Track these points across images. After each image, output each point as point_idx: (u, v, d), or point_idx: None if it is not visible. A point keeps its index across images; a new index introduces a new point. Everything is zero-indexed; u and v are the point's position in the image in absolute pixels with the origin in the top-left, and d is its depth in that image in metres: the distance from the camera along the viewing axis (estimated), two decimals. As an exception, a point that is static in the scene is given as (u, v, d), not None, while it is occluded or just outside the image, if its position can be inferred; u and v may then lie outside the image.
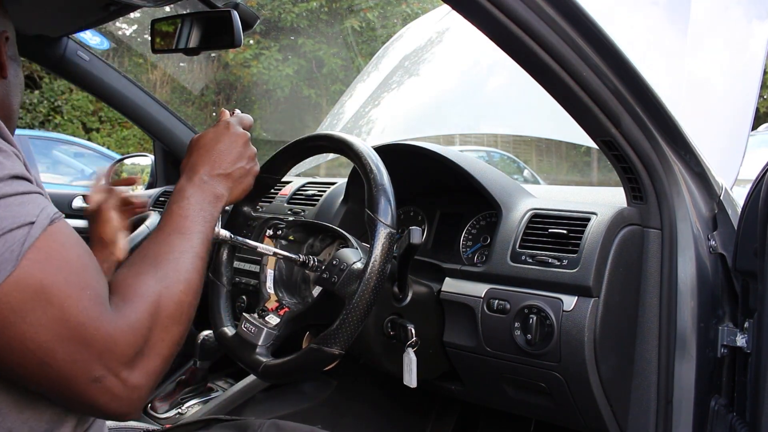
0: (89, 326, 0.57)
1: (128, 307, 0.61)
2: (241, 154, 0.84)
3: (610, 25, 0.96)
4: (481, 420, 1.75)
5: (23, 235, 0.54)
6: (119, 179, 1.06)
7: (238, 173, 0.83)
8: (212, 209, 0.77)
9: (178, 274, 0.68)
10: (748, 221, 0.99)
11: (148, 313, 0.62)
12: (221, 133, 0.84)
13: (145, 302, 0.63)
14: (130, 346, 0.60)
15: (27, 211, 0.56)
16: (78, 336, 0.56)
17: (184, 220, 0.73)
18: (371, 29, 11.13)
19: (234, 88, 11.88)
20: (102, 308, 0.59)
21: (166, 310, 0.64)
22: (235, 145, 0.83)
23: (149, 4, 1.32)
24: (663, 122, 1.07)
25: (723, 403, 1.11)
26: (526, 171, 7.36)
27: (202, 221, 0.75)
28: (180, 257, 0.69)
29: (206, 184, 0.78)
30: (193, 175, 0.79)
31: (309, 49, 11.00)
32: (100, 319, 0.58)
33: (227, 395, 1.58)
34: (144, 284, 0.64)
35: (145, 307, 0.62)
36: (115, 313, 0.60)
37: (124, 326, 0.60)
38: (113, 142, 10.87)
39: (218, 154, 0.81)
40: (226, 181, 0.81)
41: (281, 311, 1.04)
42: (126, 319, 0.60)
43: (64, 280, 0.56)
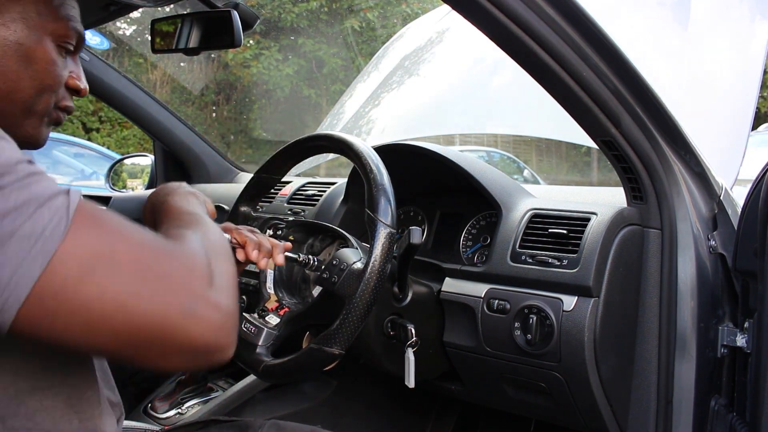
0: (162, 257, 0.56)
1: (181, 240, 0.61)
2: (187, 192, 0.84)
3: (610, 25, 0.96)
4: (481, 420, 1.75)
5: (65, 201, 0.53)
6: None
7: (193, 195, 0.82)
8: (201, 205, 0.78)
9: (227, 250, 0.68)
10: (748, 221, 0.99)
11: (200, 244, 0.62)
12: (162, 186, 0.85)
13: (193, 237, 0.63)
14: (204, 266, 0.59)
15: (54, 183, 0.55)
16: (157, 270, 0.55)
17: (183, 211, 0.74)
18: (371, 29, 11.13)
19: (234, 88, 11.89)
20: (165, 242, 0.58)
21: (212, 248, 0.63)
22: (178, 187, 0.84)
23: (149, 4, 1.32)
24: (663, 122, 1.07)
25: (723, 403, 1.11)
26: (526, 171, 7.36)
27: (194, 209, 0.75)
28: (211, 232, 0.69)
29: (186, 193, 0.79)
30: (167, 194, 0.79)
31: (309, 49, 11.00)
32: (167, 249, 0.57)
33: (227, 395, 1.58)
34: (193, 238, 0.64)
35: (195, 238, 0.63)
36: (179, 245, 0.60)
37: (190, 252, 0.59)
38: (113, 142, 10.87)
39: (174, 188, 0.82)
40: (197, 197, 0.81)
41: (281, 311, 1.04)
42: (188, 246, 0.60)
43: (120, 227, 0.55)
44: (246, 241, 0.89)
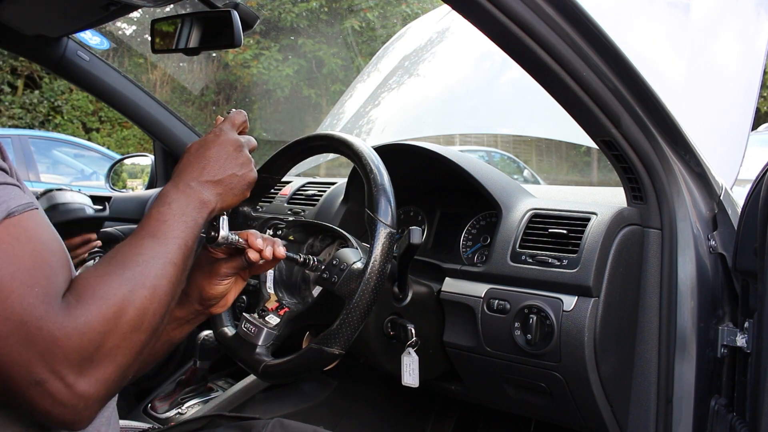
0: (31, 324, 0.54)
1: (80, 308, 0.58)
2: (231, 160, 0.79)
3: (610, 25, 0.96)
4: (481, 420, 1.75)
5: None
6: None
7: (228, 180, 0.78)
8: (196, 215, 0.73)
9: (145, 279, 0.64)
10: (748, 221, 0.99)
11: (102, 317, 0.59)
12: (211, 140, 0.80)
13: (102, 305, 0.59)
14: (75, 350, 0.56)
15: None
16: (19, 334, 0.54)
17: (161, 224, 0.69)
18: (371, 29, 11.13)
19: (234, 88, 11.88)
20: (48, 307, 0.56)
21: (126, 315, 0.60)
22: (224, 151, 0.79)
23: (149, 4, 1.32)
24: (663, 122, 1.07)
25: (723, 403, 1.11)
26: (526, 171, 7.36)
27: (182, 227, 0.71)
28: (150, 261, 0.65)
29: (191, 189, 0.74)
30: (178, 180, 0.75)
31: (309, 49, 11.00)
32: (44, 318, 0.55)
33: (227, 395, 1.58)
34: (105, 286, 0.61)
35: (99, 310, 0.59)
36: (64, 314, 0.57)
37: (70, 328, 0.56)
38: (113, 142, 10.87)
39: (207, 160, 0.77)
40: (215, 188, 0.77)
41: (281, 311, 1.04)
42: (74, 321, 0.57)
43: (10, 276, 0.54)
44: (248, 234, 0.87)
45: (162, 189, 0.75)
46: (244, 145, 0.82)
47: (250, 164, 0.82)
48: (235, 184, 0.79)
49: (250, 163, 0.82)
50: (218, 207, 0.78)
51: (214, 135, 0.81)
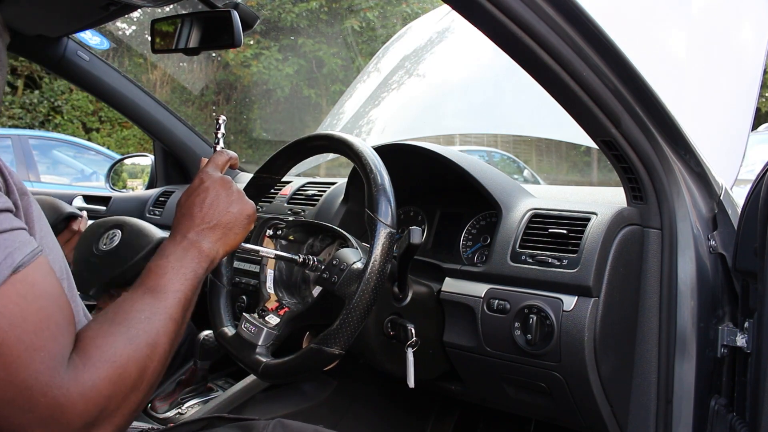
0: (36, 390, 0.53)
1: (87, 372, 0.57)
2: (222, 200, 0.78)
3: (610, 26, 0.96)
4: (481, 420, 1.75)
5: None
6: None
7: (225, 221, 0.78)
8: (195, 267, 0.73)
9: (147, 337, 0.63)
10: (748, 221, 0.99)
11: (108, 381, 0.58)
12: (197, 187, 0.79)
13: (108, 368, 0.58)
14: (80, 416, 0.55)
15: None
16: (22, 399, 0.52)
17: (160, 278, 0.69)
18: (371, 29, 11.13)
19: (234, 88, 11.88)
20: (54, 373, 0.54)
21: (129, 377, 0.60)
22: (212, 194, 0.78)
23: (149, 4, 1.32)
24: (663, 122, 1.07)
25: (723, 403, 1.11)
26: (526, 171, 7.36)
27: (181, 280, 0.70)
28: (151, 318, 0.65)
29: (188, 240, 0.74)
30: (175, 233, 0.75)
31: (309, 49, 11.00)
32: (50, 385, 0.54)
33: (227, 395, 1.58)
34: (111, 347, 0.59)
35: (105, 373, 0.58)
36: (70, 378, 0.55)
37: (76, 394, 0.55)
38: (113, 142, 10.87)
39: (198, 208, 0.77)
40: (213, 233, 0.76)
41: (281, 311, 1.04)
42: (81, 386, 0.56)
43: (16, 339, 0.52)
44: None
45: (161, 244, 0.74)
46: (230, 181, 0.81)
47: (242, 198, 0.81)
48: (233, 223, 0.78)
49: (242, 196, 0.81)
50: (222, 252, 0.77)
51: (198, 181, 0.80)
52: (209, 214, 0.77)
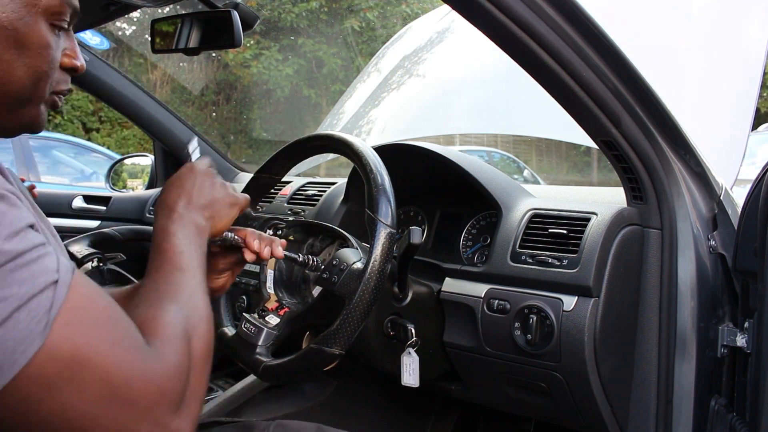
0: (136, 381, 0.52)
1: (168, 347, 0.57)
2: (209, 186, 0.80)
3: (610, 25, 0.96)
4: (481, 420, 1.75)
5: (48, 299, 0.49)
6: None
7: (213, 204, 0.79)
8: (200, 241, 0.74)
9: (200, 312, 0.64)
10: (748, 221, 0.99)
11: (186, 354, 0.58)
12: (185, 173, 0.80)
13: (181, 342, 0.59)
14: (177, 392, 0.56)
15: (46, 267, 0.50)
16: (124, 395, 0.52)
17: (180, 256, 0.69)
18: (371, 29, 11.13)
19: (234, 88, 11.88)
20: (144, 356, 0.54)
21: (198, 350, 0.61)
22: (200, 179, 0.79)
23: (149, 4, 1.32)
24: (663, 122, 1.07)
25: (723, 403, 1.11)
26: (526, 171, 7.36)
27: (197, 255, 0.71)
28: (193, 295, 0.65)
29: (186, 216, 0.74)
30: (170, 211, 0.74)
31: (309, 49, 11.00)
32: (146, 369, 0.53)
33: (227, 395, 1.58)
34: (174, 323, 0.60)
35: (182, 346, 0.58)
36: (158, 357, 0.55)
37: (171, 371, 0.56)
38: (113, 142, 10.87)
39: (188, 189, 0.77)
40: (204, 212, 0.77)
41: (281, 311, 1.04)
42: (170, 363, 0.56)
43: (99, 338, 0.52)
44: (246, 233, 0.88)
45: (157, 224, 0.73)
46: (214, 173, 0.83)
47: (227, 188, 0.82)
48: (220, 208, 0.80)
49: (226, 187, 0.82)
50: (212, 232, 0.78)
51: (186, 168, 0.81)
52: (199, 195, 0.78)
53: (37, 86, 0.64)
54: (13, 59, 0.61)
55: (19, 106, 0.65)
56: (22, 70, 0.62)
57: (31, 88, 0.64)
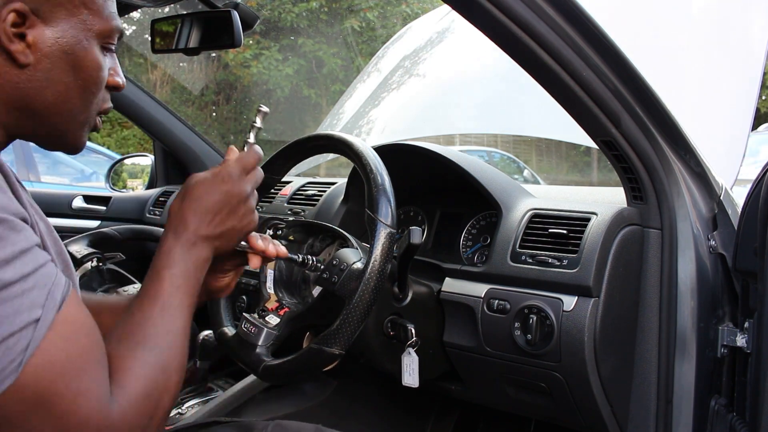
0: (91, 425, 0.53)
1: (132, 407, 0.57)
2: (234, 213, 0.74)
3: (610, 25, 0.96)
4: (481, 420, 1.75)
5: (27, 338, 0.49)
6: None
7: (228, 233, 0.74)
8: (199, 275, 0.71)
9: (176, 362, 0.63)
10: (748, 221, 0.99)
11: (149, 415, 0.58)
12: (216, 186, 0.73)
13: (148, 402, 0.59)
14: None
15: (32, 302, 0.51)
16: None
17: (176, 290, 0.67)
18: (371, 29, 11.13)
19: (234, 88, 11.88)
20: (106, 412, 0.54)
21: (163, 407, 0.61)
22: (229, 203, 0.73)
23: (149, 4, 1.32)
24: (663, 122, 1.07)
25: (723, 403, 1.11)
26: (526, 171, 7.36)
27: (192, 291, 0.69)
28: (175, 341, 0.64)
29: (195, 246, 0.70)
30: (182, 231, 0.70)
31: (309, 49, 11.00)
32: (102, 425, 0.54)
33: (227, 395, 1.58)
34: (146, 378, 0.60)
35: (148, 407, 0.58)
36: (119, 416, 0.56)
37: (123, 424, 0.56)
38: (113, 142, 10.86)
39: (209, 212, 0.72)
40: (214, 242, 0.73)
41: (281, 311, 1.04)
42: (129, 423, 0.56)
43: (66, 385, 0.52)
44: (249, 236, 0.83)
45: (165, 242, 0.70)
46: (251, 196, 0.76)
47: (251, 215, 0.76)
48: (233, 236, 0.75)
49: (251, 213, 0.76)
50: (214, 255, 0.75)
51: (220, 180, 0.73)
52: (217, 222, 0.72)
53: (89, 106, 0.67)
54: (71, 81, 0.64)
55: (68, 126, 0.67)
56: (77, 91, 0.65)
57: (82, 108, 0.67)
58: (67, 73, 0.63)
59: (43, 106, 0.64)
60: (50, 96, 0.63)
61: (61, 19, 0.62)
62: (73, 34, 0.63)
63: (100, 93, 0.68)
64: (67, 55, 0.63)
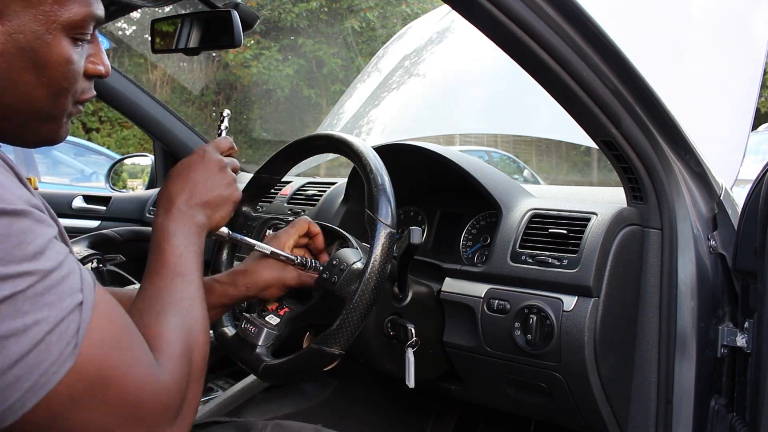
0: (148, 399, 0.55)
1: (173, 365, 0.60)
2: (217, 180, 0.79)
3: (610, 25, 0.96)
4: (481, 420, 1.75)
5: (76, 321, 0.51)
6: None
7: (216, 200, 0.78)
8: (199, 241, 0.73)
9: (200, 323, 0.66)
10: (748, 221, 0.99)
11: (188, 369, 0.61)
12: (195, 161, 0.79)
13: (184, 359, 0.61)
14: (177, 406, 0.59)
15: (72, 287, 0.52)
16: (137, 413, 0.55)
17: (179, 259, 0.69)
18: (371, 29, 11.13)
19: (234, 88, 11.88)
20: (157, 376, 0.57)
21: (197, 363, 0.63)
22: (210, 172, 0.78)
23: (149, 4, 1.32)
24: (663, 122, 1.07)
25: (723, 403, 1.11)
26: (526, 171, 7.37)
27: (195, 257, 0.71)
28: (193, 304, 0.67)
29: (185, 214, 0.73)
30: (170, 206, 0.73)
31: (309, 49, 11.00)
32: (157, 388, 0.56)
33: (227, 395, 1.58)
34: (177, 339, 0.62)
35: (185, 363, 0.61)
36: (166, 376, 0.58)
37: (175, 388, 0.58)
38: (113, 142, 10.87)
39: (194, 182, 0.76)
40: (204, 209, 0.76)
41: (281, 311, 1.04)
42: (176, 380, 0.59)
43: (119, 360, 0.54)
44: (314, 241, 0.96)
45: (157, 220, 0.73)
46: (227, 165, 0.82)
47: (234, 184, 0.82)
48: (221, 205, 0.79)
49: (234, 182, 0.82)
50: (209, 228, 0.78)
51: (198, 156, 0.80)
52: (203, 190, 0.77)
53: (57, 102, 0.63)
54: (33, 80, 0.59)
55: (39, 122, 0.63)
56: (42, 89, 0.60)
57: (51, 105, 0.62)
58: (27, 72, 0.58)
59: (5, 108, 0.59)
60: (11, 97, 0.59)
61: (15, 13, 0.55)
62: (32, 29, 0.56)
63: (74, 86, 0.63)
64: (24, 52, 0.57)
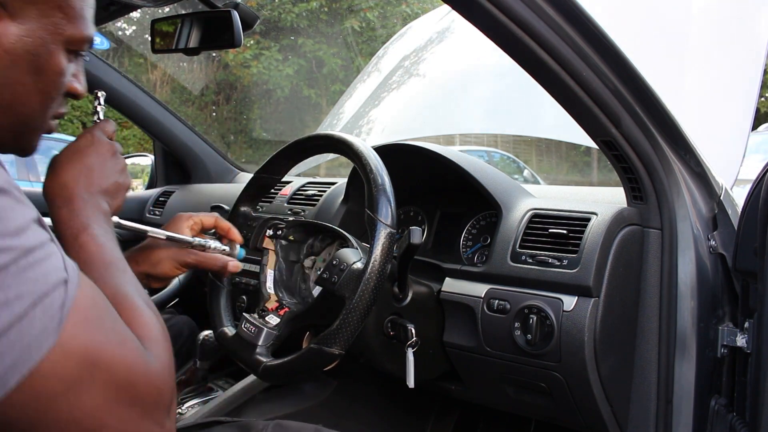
0: (140, 381, 0.54)
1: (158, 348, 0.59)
2: (112, 167, 0.76)
3: (610, 25, 0.96)
4: (481, 420, 1.75)
5: (60, 296, 0.49)
6: None
7: (113, 188, 0.76)
8: (111, 229, 0.72)
9: (153, 308, 0.65)
10: (748, 221, 0.99)
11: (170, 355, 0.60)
12: (87, 146, 0.76)
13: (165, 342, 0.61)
14: (170, 392, 0.58)
15: (55, 265, 0.50)
16: (130, 395, 0.53)
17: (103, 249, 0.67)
18: (371, 29, 11.14)
19: (234, 88, 11.89)
20: (145, 357, 0.56)
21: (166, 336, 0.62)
22: (103, 158, 0.76)
23: (149, 4, 1.32)
24: (663, 122, 1.07)
25: (723, 403, 1.11)
26: (526, 171, 7.37)
27: (116, 245, 0.70)
28: (137, 284, 0.66)
29: (90, 202, 0.71)
30: (70, 196, 0.70)
31: (309, 49, 11.01)
32: (148, 370, 0.55)
33: (227, 395, 1.58)
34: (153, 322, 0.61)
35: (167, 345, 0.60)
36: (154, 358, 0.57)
37: (165, 371, 0.57)
38: (113, 142, 10.85)
39: (88, 169, 0.73)
40: (105, 197, 0.74)
41: (281, 311, 1.04)
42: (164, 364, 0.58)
43: (106, 338, 0.53)
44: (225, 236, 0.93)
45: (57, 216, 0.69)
46: (117, 150, 0.80)
47: (126, 170, 0.81)
48: (117, 192, 0.77)
49: (126, 168, 0.81)
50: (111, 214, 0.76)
51: (86, 141, 0.77)
52: (101, 177, 0.74)
53: (44, 113, 0.65)
54: (30, 83, 0.61)
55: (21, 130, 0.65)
56: (36, 95, 0.63)
57: (39, 112, 0.64)
58: (27, 75, 0.61)
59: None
60: (8, 97, 0.61)
61: (30, 18, 0.59)
62: (41, 36, 0.60)
63: (58, 98, 0.66)
64: (29, 55, 0.59)
